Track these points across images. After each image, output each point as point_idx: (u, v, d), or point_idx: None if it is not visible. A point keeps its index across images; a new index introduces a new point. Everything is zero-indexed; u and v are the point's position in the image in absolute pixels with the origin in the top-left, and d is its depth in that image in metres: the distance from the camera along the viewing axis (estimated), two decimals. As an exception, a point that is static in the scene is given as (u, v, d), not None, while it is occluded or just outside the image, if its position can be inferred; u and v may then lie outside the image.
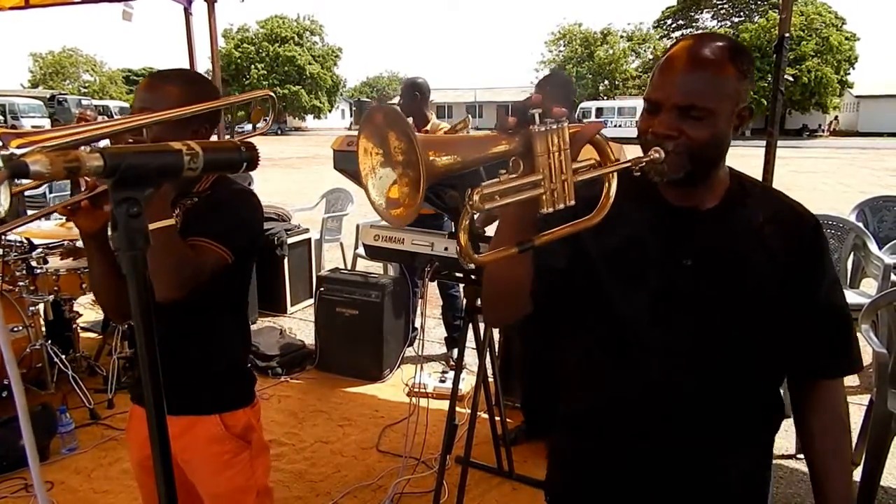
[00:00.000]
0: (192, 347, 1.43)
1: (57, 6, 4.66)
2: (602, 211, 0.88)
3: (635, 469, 1.10)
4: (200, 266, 1.27)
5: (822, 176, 16.23)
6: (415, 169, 0.71)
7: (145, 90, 1.36)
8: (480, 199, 0.75)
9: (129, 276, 0.60)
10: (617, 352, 1.10)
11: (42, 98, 28.68)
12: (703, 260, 1.05)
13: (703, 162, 1.01)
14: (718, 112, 0.98)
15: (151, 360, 0.62)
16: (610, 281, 1.08)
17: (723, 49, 0.98)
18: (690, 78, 0.97)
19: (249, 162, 0.72)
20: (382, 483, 2.75)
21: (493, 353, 2.75)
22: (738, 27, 38.64)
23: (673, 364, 1.05)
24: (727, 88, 0.98)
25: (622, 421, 1.10)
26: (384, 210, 0.77)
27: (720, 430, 1.07)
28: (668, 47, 1.04)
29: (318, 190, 6.81)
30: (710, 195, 1.07)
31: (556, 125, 0.79)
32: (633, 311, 1.07)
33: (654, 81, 1.01)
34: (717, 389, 1.06)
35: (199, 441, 1.44)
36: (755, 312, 1.04)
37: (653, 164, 0.94)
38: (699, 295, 1.04)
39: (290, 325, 4.73)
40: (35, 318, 3.38)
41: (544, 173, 0.80)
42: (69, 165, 0.53)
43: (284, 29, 46.79)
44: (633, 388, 1.08)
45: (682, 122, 0.97)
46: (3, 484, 2.69)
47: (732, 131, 1.02)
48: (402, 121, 0.73)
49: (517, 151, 0.81)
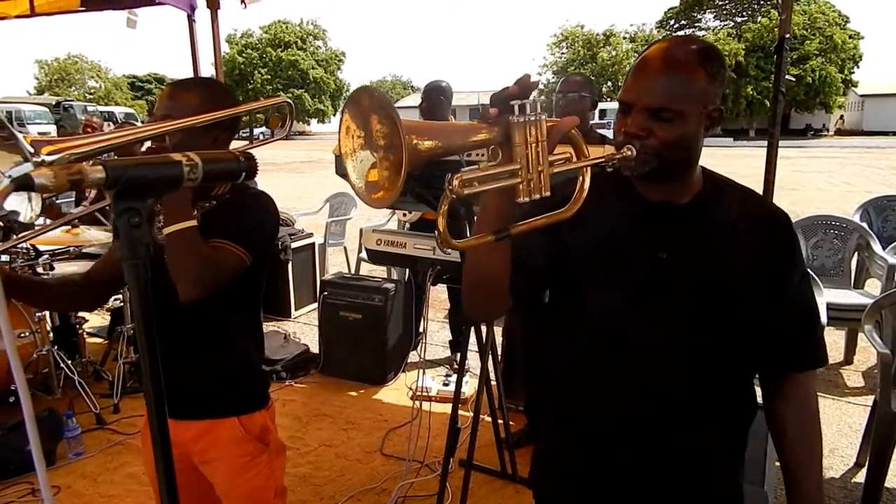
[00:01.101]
0: (209, 351, 1.46)
1: (62, 14, 4.70)
2: (576, 204, 0.91)
3: (615, 462, 1.13)
4: (221, 266, 1.29)
5: (827, 176, 16.18)
6: (396, 153, 0.72)
7: (167, 98, 1.39)
8: (460, 185, 0.77)
9: (132, 284, 0.62)
10: (597, 346, 1.12)
11: (48, 105, 28.84)
12: (678, 253, 1.07)
13: (672, 160, 1.03)
14: (687, 113, 1.01)
15: (153, 365, 0.63)
16: (589, 275, 1.11)
17: (693, 52, 1.01)
18: (660, 81, 1.00)
19: (248, 171, 0.73)
20: (386, 486, 2.76)
21: (496, 357, 2.76)
22: (740, 27, 38.60)
23: (652, 356, 1.08)
24: (696, 91, 1.01)
25: (602, 415, 1.13)
26: (363, 192, 0.78)
27: (699, 421, 1.10)
28: (642, 50, 1.08)
29: (321, 194, 6.84)
30: (684, 191, 1.10)
31: (534, 117, 0.82)
32: (613, 304, 1.09)
33: (626, 83, 1.05)
34: (695, 381, 1.09)
35: (219, 443, 1.46)
36: (729, 305, 1.07)
37: (625, 160, 0.98)
38: (675, 288, 1.07)
39: (294, 330, 4.75)
40: (41, 323, 3.40)
41: (522, 163, 0.82)
42: (73, 178, 0.55)
43: (288, 34, 47.00)
44: (613, 382, 1.11)
45: (652, 122, 1.00)
46: (10, 489, 2.71)
47: (704, 131, 1.05)
48: (387, 104, 0.74)
49: (497, 140, 0.84)
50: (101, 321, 4.70)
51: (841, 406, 3.49)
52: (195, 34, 4.32)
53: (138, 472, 2.84)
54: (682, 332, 1.07)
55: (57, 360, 3.38)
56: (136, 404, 3.45)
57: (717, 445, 1.13)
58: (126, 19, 4.63)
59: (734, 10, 42.15)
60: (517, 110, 0.82)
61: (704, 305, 1.06)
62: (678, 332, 1.07)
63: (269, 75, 45.23)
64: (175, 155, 0.65)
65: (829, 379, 3.84)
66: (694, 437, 1.10)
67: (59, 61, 48.43)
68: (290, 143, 31.02)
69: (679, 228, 1.08)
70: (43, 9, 4.49)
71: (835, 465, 2.91)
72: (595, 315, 1.11)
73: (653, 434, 1.10)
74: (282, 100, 1.62)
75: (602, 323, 1.10)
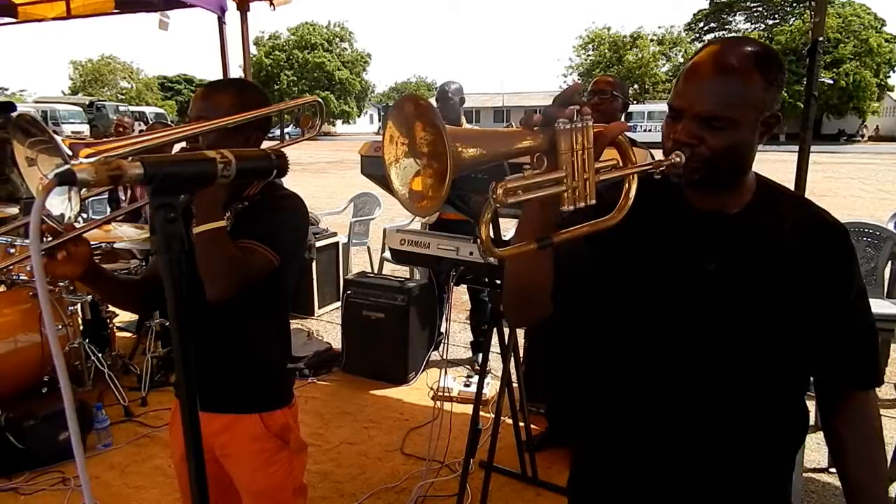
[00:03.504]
0: (235, 347, 1.48)
1: (97, 16, 4.83)
2: (621, 212, 0.89)
3: (657, 476, 1.10)
4: (248, 267, 1.31)
5: (860, 182, 15.78)
6: (441, 160, 0.71)
7: (201, 99, 1.42)
8: (503, 193, 0.75)
9: (166, 278, 0.64)
10: (640, 356, 1.09)
11: (81, 104, 29.56)
12: (726, 264, 1.03)
13: (722, 169, 1.00)
14: (741, 121, 0.96)
15: (186, 358, 0.65)
16: (633, 283, 1.07)
17: (749, 56, 0.96)
18: (713, 87, 0.96)
19: (279, 169, 0.75)
20: (406, 485, 2.77)
21: (518, 359, 2.75)
22: (772, 29, 37.87)
23: (697, 369, 1.04)
24: (752, 97, 0.96)
25: (644, 427, 1.10)
26: (407, 201, 0.77)
27: (743, 437, 1.06)
28: (695, 52, 1.03)
29: (346, 194, 6.89)
30: (735, 200, 1.06)
31: (580, 124, 0.80)
32: (657, 314, 1.06)
33: (677, 88, 1.01)
34: (741, 396, 1.05)
35: (240, 438, 1.49)
36: (779, 319, 1.02)
37: (673, 167, 0.94)
38: (722, 299, 1.03)
39: (317, 328, 4.80)
40: (74, 317, 3.49)
41: (567, 171, 0.80)
42: (112, 173, 0.56)
43: (315, 35, 47.49)
44: (656, 394, 1.08)
45: (704, 130, 0.96)
46: (41, 477, 2.79)
47: (759, 138, 1.00)
48: (432, 111, 0.73)
49: (542, 148, 0.82)
50: (129, 316, 4.80)
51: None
52: (225, 36, 4.40)
53: (164, 464, 2.90)
54: (729, 344, 1.03)
55: (88, 353, 3.47)
56: (164, 398, 3.52)
57: (764, 462, 1.09)
58: (158, 21, 4.74)
59: (765, 12, 41.39)
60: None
61: (752, 318, 1.02)
62: (724, 345, 1.03)
63: (295, 77, 45.75)
64: (209, 152, 0.67)
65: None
66: (740, 452, 1.07)
67: (92, 62, 49.60)
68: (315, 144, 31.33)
69: (728, 239, 1.04)
70: (79, 11, 4.62)
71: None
72: (639, 324, 1.08)
73: (696, 448, 1.06)
74: (313, 99, 1.64)
75: (645, 333, 1.07)
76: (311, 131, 1.73)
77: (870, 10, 36.14)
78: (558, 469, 2.85)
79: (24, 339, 3.25)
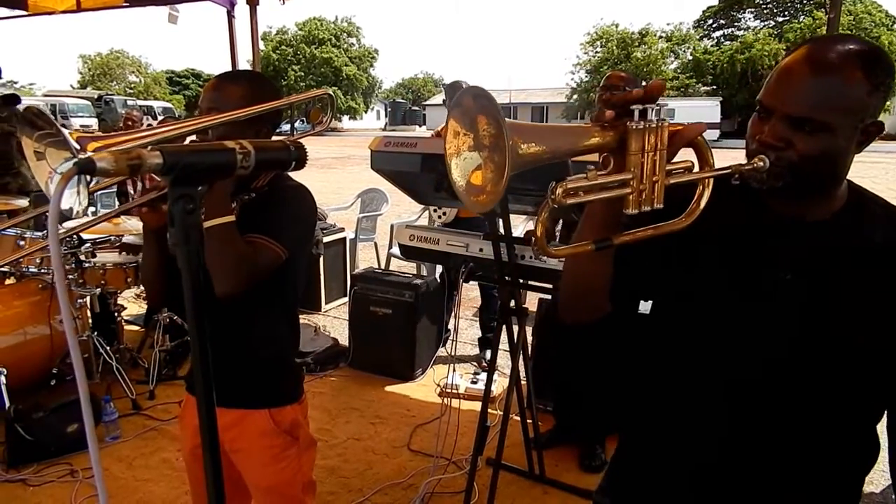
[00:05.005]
0: (244, 342, 1.47)
1: (106, 9, 4.83)
2: (691, 216, 0.83)
3: (708, 491, 1.04)
4: (257, 262, 1.30)
5: (870, 181, 15.64)
6: (501, 154, 0.68)
7: (212, 91, 1.40)
8: (563, 194, 0.72)
9: (184, 270, 0.63)
10: (700, 365, 1.02)
11: (90, 98, 29.68)
12: (805, 275, 0.95)
13: (809, 177, 0.91)
14: (837, 127, 0.87)
15: (203, 350, 0.64)
16: (700, 289, 1.00)
17: (854, 55, 0.86)
18: (809, 87, 0.86)
19: (298, 161, 0.74)
20: (413, 482, 2.77)
21: (527, 356, 2.74)
22: (781, 27, 37.60)
23: (761, 384, 0.97)
24: (852, 102, 0.86)
25: (697, 440, 1.04)
26: (465, 194, 0.74)
27: (809, 460, 0.99)
28: (792, 48, 0.94)
29: (352, 190, 6.89)
30: (822, 207, 0.97)
31: (655, 122, 0.75)
32: (724, 323, 0.99)
33: (769, 84, 0.92)
34: (807, 415, 0.98)
35: (249, 434, 1.48)
36: (858, 337, 0.93)
37: (755, 172, 0.87)
38: (798, 312, 0.95)
39: (324, 323, 4.80)
40: (83, 310, 3.51)
41: (635, 173, 0.75)
42: (132, 163, 0.56)
43: (322, 31, 47.50)
44: (714, 407, 1.01)
45: (794, 133, 0.88)
46: (49, 469, 2.80)
47: (856, 147, 0.91)
48: (492, 104, 0.70)
49: (610, 147, 0.77)
50: (137, 309, 4.82)
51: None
52: (234, 30, 4.40)
53: (172, 457, 2.91)
54: (802, 360, 0.95)
55: (96, 345, 3.48)
56: (171, 391, 3.54)
57: (828, 486, 1.02)
58: (168, 15, 4.75)
59: (775, 9, 41.07)
60: (637, 115, 0.75)
61: (829, 334, 0.94)
62: (797, 360, 0.95)
63: (302, 72, 45.78)
64: (228, 143, 0.66)
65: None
66: (804, 474, 0.99)
67: (101, 56, 49.75)
68: (321, 140, 31.37)
69: (809, 248, 0.95)
70: (88, 4, 4.63)
71: (875, 479, 2.81)
72: (703, 332, 1.01)
73: (751, 466, 0.99)
74: (323, 92, 1.63)
75: (709, 341, 1.00)
76: (321, 125, 1.72)
77: (881, 8, 35.82)
78: (566, 467, 2.84)
79: (34, 331, 3.26)
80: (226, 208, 1.25)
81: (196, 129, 1.29)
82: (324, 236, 4.98)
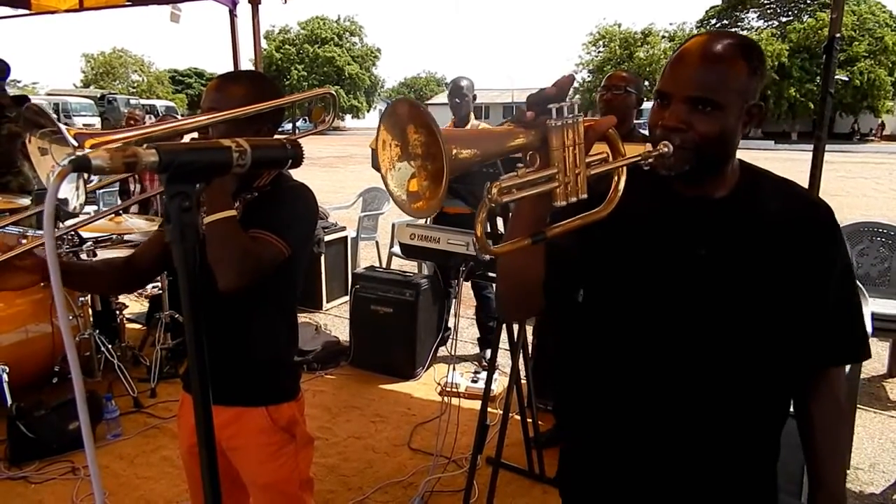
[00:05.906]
0: (243, 339, 1.47)
1: (109, 8, 4.84)
2: (611, 204, 0.91)
3: (644, 463, 1.11)
4: (260, 257, 1.31)
5: (873, 182, 15.62)
6: (434, 161, 0.72)
7: (214, 90, 1.41)
8: (498, 193, 0.77)
9: (180, 268, 0.63)
10: (631, 345, 1.10)
11: (93, 97, 29.78)
12: (717, 249, 1.05)
13: (709, 157, 1.01)
14: (728, 106, 0.98)
15: (199, 348, 0.64)
16: (624, 273, 1.09)
17: (735, 45, 1.00)
18: (701, 71, 0.98)
19: (295, 159, 0.74)
20: (413, 480, 2.77)
21: (527, 355, 2.74)
22: (785, 27, 37.51)
23: (688, 355, 1.05)
24: (737, 84, 0.99)
25: (632, 415, 1.11)
26: (405, 203, 0.78)
27: (733, 422, 1.07)
28: (681, 43, 1.06)
29: (354, 189, 6.91)
30: (720, 185, 1.07)
31: (571, 120, 0.81)
32: (649, 303, 1.07)
33: (665, 74, 1.03)
34: (732, 380, 1.06)
35: (246, 431, 1.48)
36: (772, 301, 1.04)
37: (661, 157, 0.96)
38: (715, 285, 1.04)
39: (325, 322, 4.81)
40: (84, 308, 3.52)
41: (559, 167, 0.82)
42: (128, 160, 0.56)
43: (325, 30, 47.56)
44: (646, 382, 1.09)
45: (692, 115, 0.98)
46: (51, 466, 2.81)
47: (742, 127, 1.03)
48: (425, 114, 0.74)
49: (534, 145, 0.83)
50: (139, 308, 4.84)
51: (884, 420, 3.37)
52: (236, 29, 4.40)
53: (173, 455, 2.91)
54: (723, 328, 1.05)
55: (98, 344, 3.49)
56: (173, 389, 3.54)
57: (750, 448, 1.11)
58: (170, 13, 4.75)
59: (779, 9, 40.96)
60: (554, 113, 0.81)
61: (746, 302, 1.04)
62: (718, 329, 1.05)
63: (305, 71, 45.82)
64: (224, 141, 0.66)
65: (871, 392, 3.71)
66: (727, 438, 1.08)
67: (104, 55, 49.84)
68: (324, 139, 31.39)
69: (717, 223, 1.06)
70: (91, 3, 4.64)
71: (875, 480, 2.81)
72: (630, 314, 1.09)
73: (684, 435, 1.08)
74: (326, 91, 1.63)
75: (637, 322, 1.09)
76: (323, 124, 1.72)
77: (885, 9, 35.71)
78: (566, 466, 2.84)
79: (35, 329, 3.27)
80: (228, 203, 1.25)
81: (194, 127, 1.30)
82: (325, 235, 4.99)
